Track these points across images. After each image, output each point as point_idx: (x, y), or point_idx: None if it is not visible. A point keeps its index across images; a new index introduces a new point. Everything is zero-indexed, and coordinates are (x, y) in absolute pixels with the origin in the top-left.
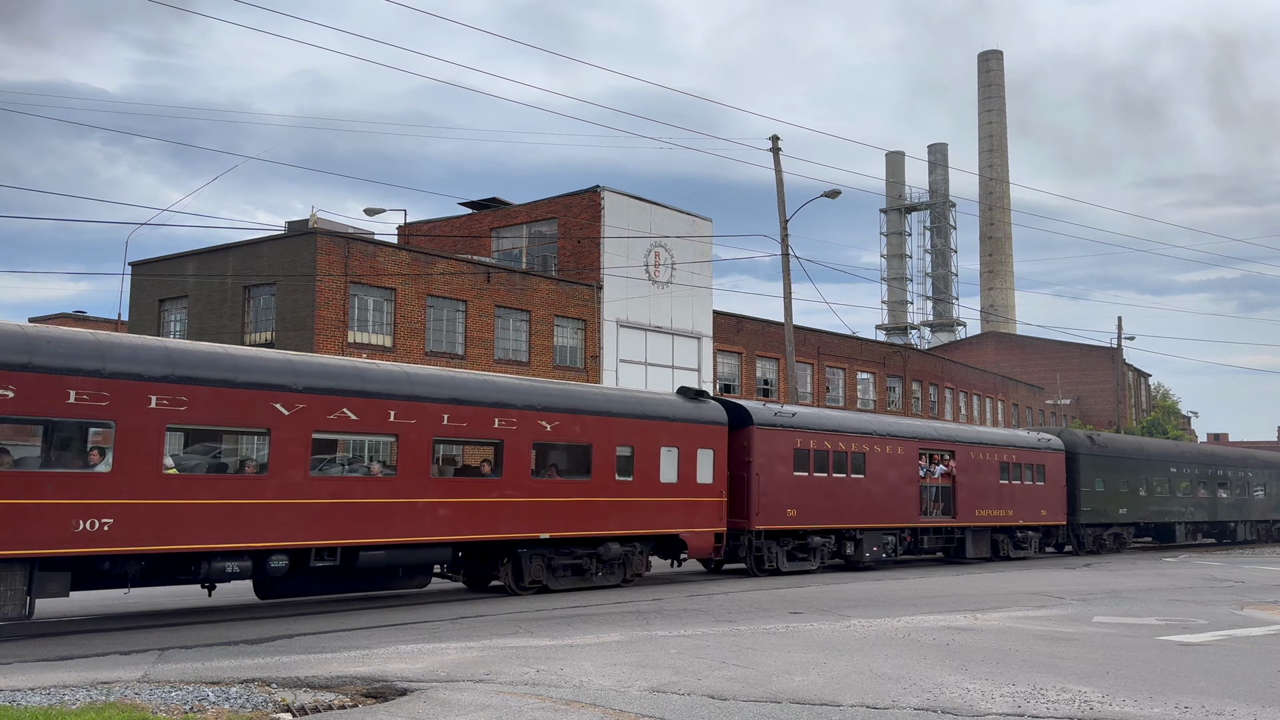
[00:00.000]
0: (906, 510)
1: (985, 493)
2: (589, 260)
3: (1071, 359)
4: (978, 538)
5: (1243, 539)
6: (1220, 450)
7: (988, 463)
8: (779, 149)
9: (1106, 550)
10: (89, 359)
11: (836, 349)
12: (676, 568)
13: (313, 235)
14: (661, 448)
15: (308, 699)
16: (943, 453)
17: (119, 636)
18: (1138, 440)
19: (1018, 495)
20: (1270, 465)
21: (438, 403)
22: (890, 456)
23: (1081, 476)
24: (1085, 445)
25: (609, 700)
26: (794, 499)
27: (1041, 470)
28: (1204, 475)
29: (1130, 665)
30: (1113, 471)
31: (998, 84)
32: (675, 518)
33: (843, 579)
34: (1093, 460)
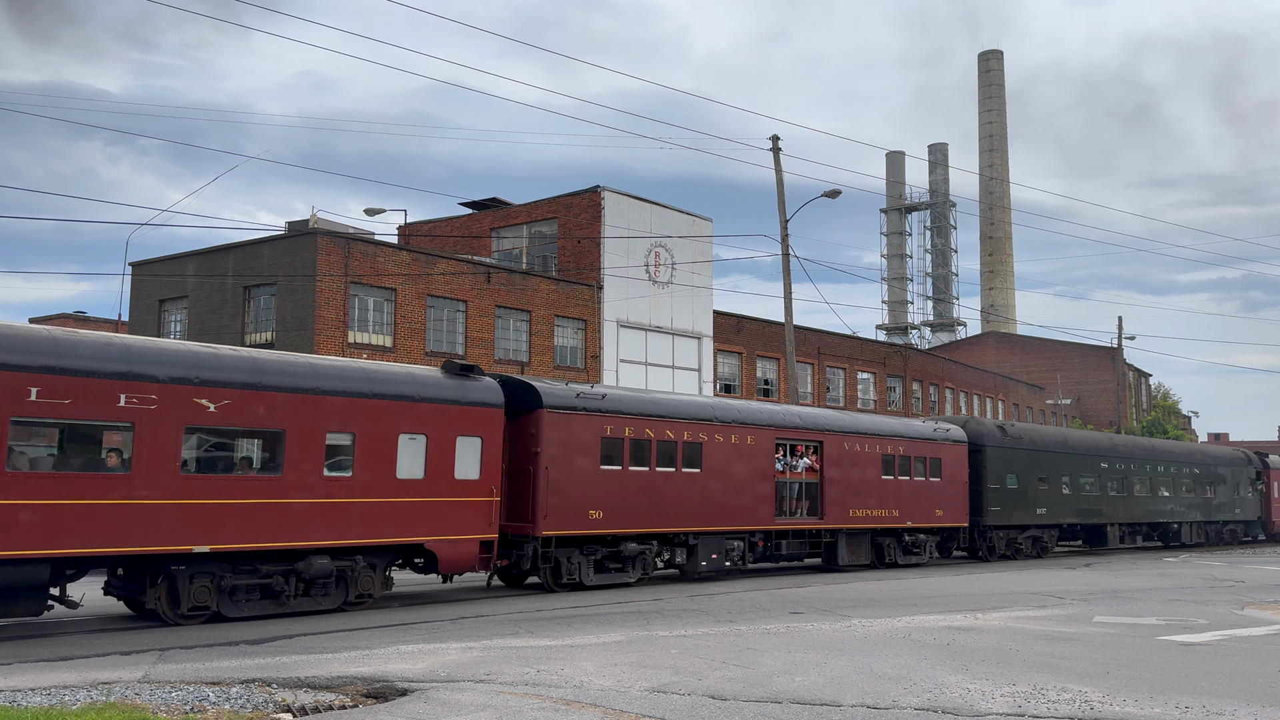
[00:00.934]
0: (758, 510)
1: (862, 490)
2: (589, 260)
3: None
4: (854, 542)
5: (1189, 542)
6: (1163, 445)
7: (866, 455)
8: (779, 149)
9: (1024, 556)
10: None
11: (837, 349)
12: (448, 583)
13: (313, 235)
14: (401, 435)
15: (308, 699)
16: (808, 443)
17: (119, 637)
18: (1060, 432)
19: (905, 493)
20: (1222, 462)
21: (21, 371)
22: (736, 447)
23: (989, 472)
24: (994, 436)
25: (609, 700)
26: (601, 498)
27: (938, 465)
28: (1143, 472)
29: (1131, 665)
30: (1029, 466)
31: (998, 84)
32: (419, 523)
33: (844, 579)
34: (1003, 454)
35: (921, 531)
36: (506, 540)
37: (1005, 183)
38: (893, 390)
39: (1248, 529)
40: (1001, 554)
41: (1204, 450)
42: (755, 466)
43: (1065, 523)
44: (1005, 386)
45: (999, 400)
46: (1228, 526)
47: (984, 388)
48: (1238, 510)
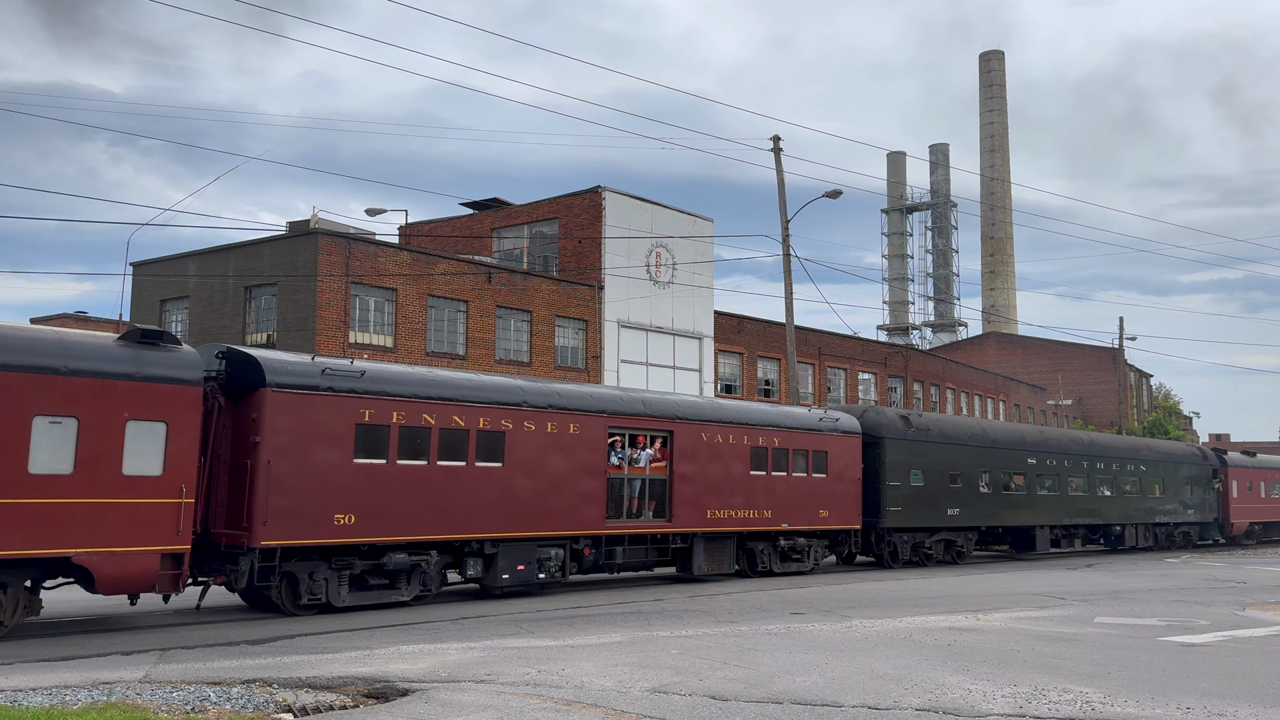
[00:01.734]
0: (582, 512)
1: (725, 487)
2: (590, 260)
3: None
4: (714, 547)
5: (1134, 545)
6: (1104, 440)
7: (730, 448)
8: (780, 149)
9: (935, 562)
10: None
11: (838, 349)
12: (134, 606)
13: (314, 236)
14: (34, 419)
15: (309, 699)
16: (653, 433)
17: (120, 637)
18: (978, 423)
19: (781, 491)
20: (1173, 458)
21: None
22: (553, 437)
23: (888, 468)
24: (895, 428)
25: (610, 701)
26: (354, 499)
27: (823, 459)
28: (1079, 469)
29: (1132, 666)
30: (940, 462)
31: (999, 84)
32: (63, 531)
33: (845, 579)
34: (907, 447)
35: (802, 535)
36: (223, 552)
37: (1006, 183)
38: (894, 391)
39: (1203, 531)
40: (907, 560)
41: (1153, 446)
42: (580, 460)
43: (984, 525)
44: (1006, 387)
45: (1000, 401)
46: (1180, 528)
47: (985, 388)
48: (1191, 511)
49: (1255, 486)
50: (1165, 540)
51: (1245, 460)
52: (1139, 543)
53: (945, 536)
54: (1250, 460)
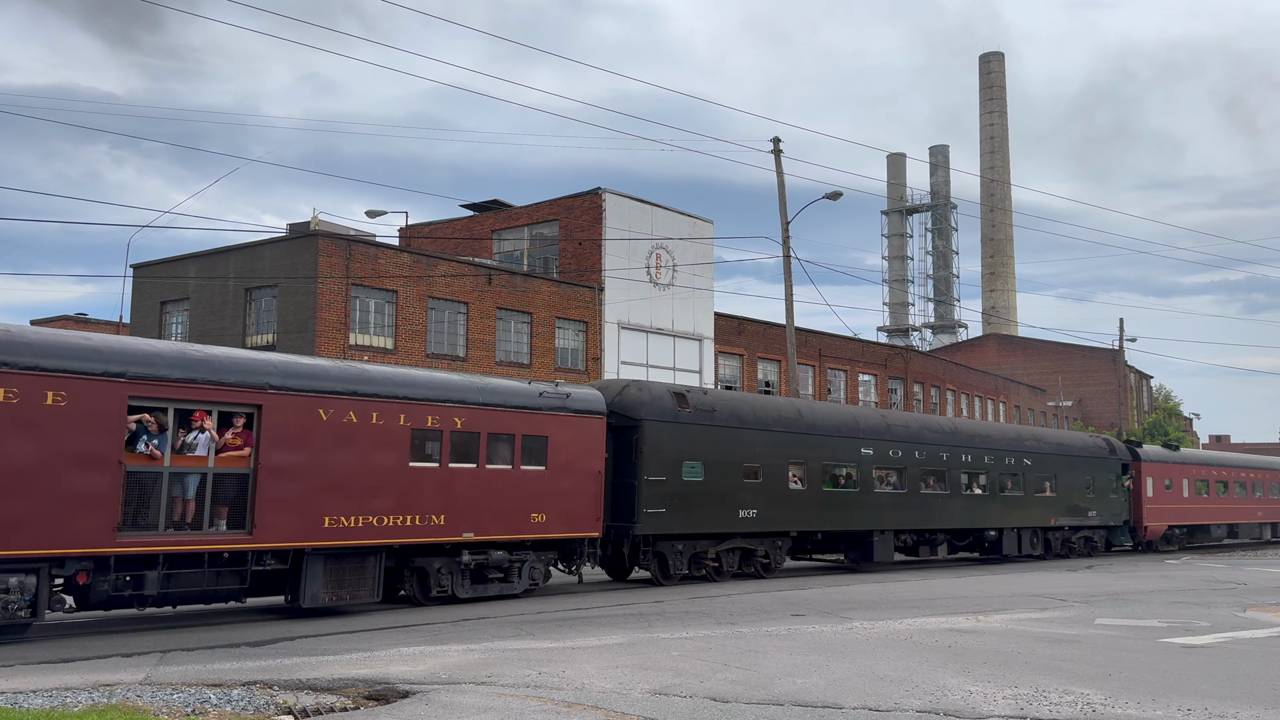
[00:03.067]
0: (73, 522)
1: (360, 485)
2: (590, 262)
3: (1073, 361)
4: (342, 569)
5: (1015, 552)
6: (972, 426)
7: (374, 430)
8: (780, 150)
9: (726, 576)
10: None
11: (838, 351)
12: None
13: (314, 237)
14: None
15: (309, 701)
16: (222, 408)
17: (121, 639)
18: (790, 405)
19: (464, 489)
20: (1070, 451)
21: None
22: (16, 411)
23: (648, 458)
24: (661, 407)
25: (611, 703)
26: None
27: (540, 446)
28: (938, 461)
29: (1133, 667)
30: (731, 451)
31: (999, 85)
32: None
33: (845, 580)
34: (679, 432)
35: (504, 546)
36: None
37: (1006, 184)
38: (894, 392)
39: (1111, 536)
40: (685, 574)
41: (1042, 436)
42: (68, 447)
43: (797, 530)
44: (1006, 388)
45: (1000, 402)
46: (1079, 533)
47: (985, 390)
48: (1094, 513)
49: (1176, 485)
50: (1060, 547)
51: (1163, 455)
52: (1023, 550)
53: (741, 545)
54: (1170, 455)
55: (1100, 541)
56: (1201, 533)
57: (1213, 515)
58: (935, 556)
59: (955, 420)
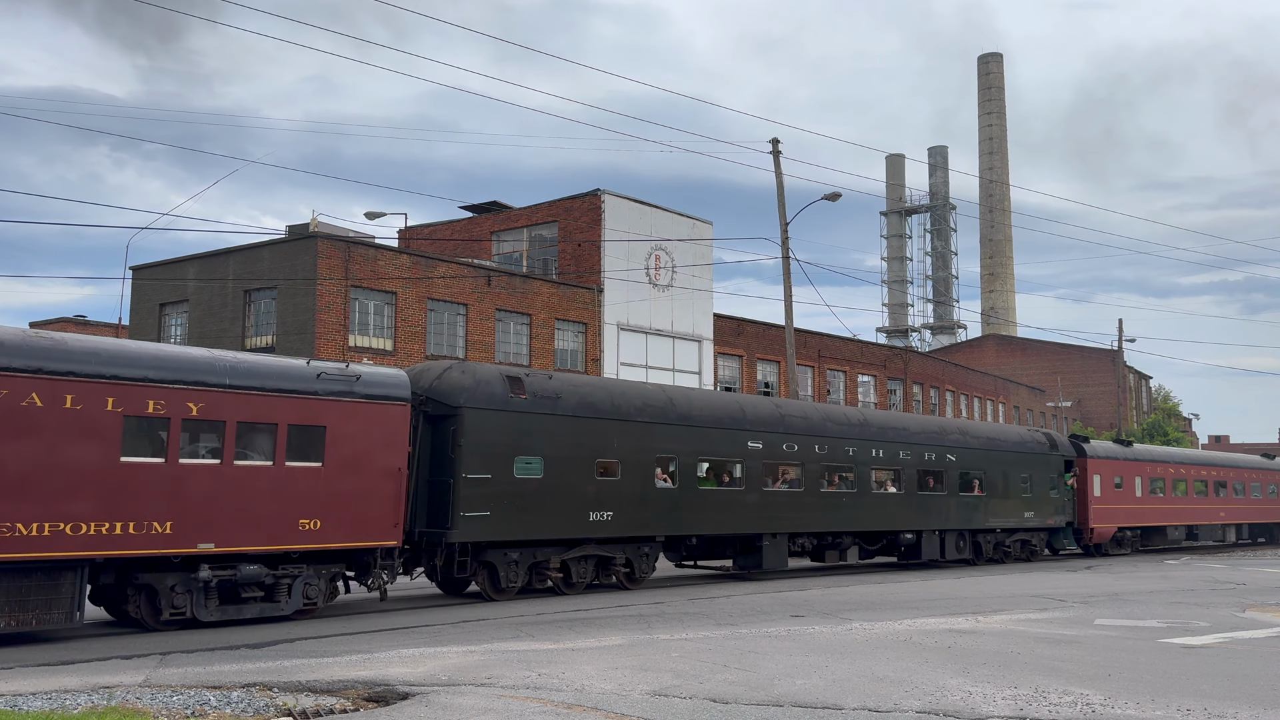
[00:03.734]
0: None
1: (38, 486)
2: (589, 263)
3: (1072, 361)
4: (15, 586)
5: (937, 557)
6: (885, 417)
7: (53, 416)
8: (779, 151)
9: (578, 588)
10: None
11: (837, 352)
12: None
13: (313, 239)
14: None
15: (309, 703)
16: None
17: (120, 641)
18: (660, 391)
19: (201, 490)
20: (1003, 446)
21: None
22: None
23: (467, 452)
24: (487, 393)
25: (610, 704)
26: None
27: (315, 438)
28: (844, 456)
29: (1132, 668)
30: (580, 444)
31: (997, 86)
32: None
33: (844, 581)
34: (511, 423)
35: (263, 559)
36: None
37: (1005, 185)
38: (893, 393)
39: (1052, 539)
40: (524, 586)
41: (969, 429)
42: None
43: (665, 534)
44: (1005, 389)
45: (999, 403)
46: (1015, 536)
47: (984, 390)
48: (1031, 514)
49: (1127, 483)
50: (993, 551)
51: (1112, 451)
52: (946, 554)
53: (595, 552)
54: (1120, 451)
55: (1040, 545)
56: (1157, 535)
57: (1169, 516)
58: (844, 562)
59: (865, 411)
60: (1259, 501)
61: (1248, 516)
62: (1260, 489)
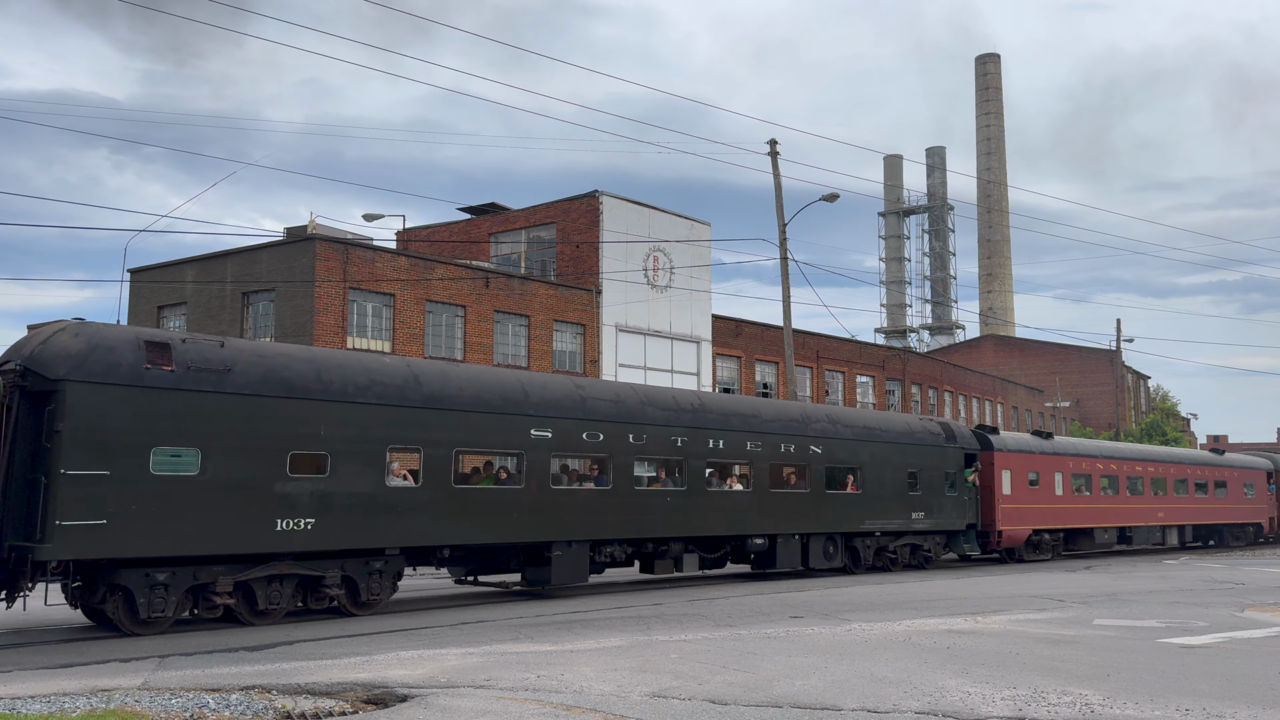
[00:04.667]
0: None
1: None
2: (588, 265)
3: (1071, 361)
4: None
5: (793, 565)
6: (721, 402)
7: None
8: (776, 153)
9: (277, 614)
10: None
11: (836, 352)
12: None
13: (311, 241)
14: None
15: (308, 705)
16: None
17: (119, 644)
18: (406, 366)
19: None
20: (880, 437)
21: None
22: None
23: (70, 441)
24: (107, 363)
25: (609, 705)
26: None
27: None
28: (668, 446)
29: (1131, 668)
30: (262, 430)
31: (995, 87)
32: None
33: (843, 582)
34: (149, 402)
35: None
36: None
37: (1003, 185)
38: (892, 394)
39: (951, 542)
40: (187, 617)
41: (842, 418)
42: None
43: (404, 546)
44: (1004, 389)
45: (998, 403)
46: (903, 540)
47: (983, 390)
48: (921, 514)
49: (1045, 480)
50: (874, 558)
51: (1026, 443)
52: (812, 561)
53: (291, 570)
54: (1037, 443)
55: (937, 550)
56: (1083, 538)
57: (1097, 517)
58: (680, 574)
59: (705, 395)
60: (1205, 501)
61: (1191, 517)
62: (1206, 487)
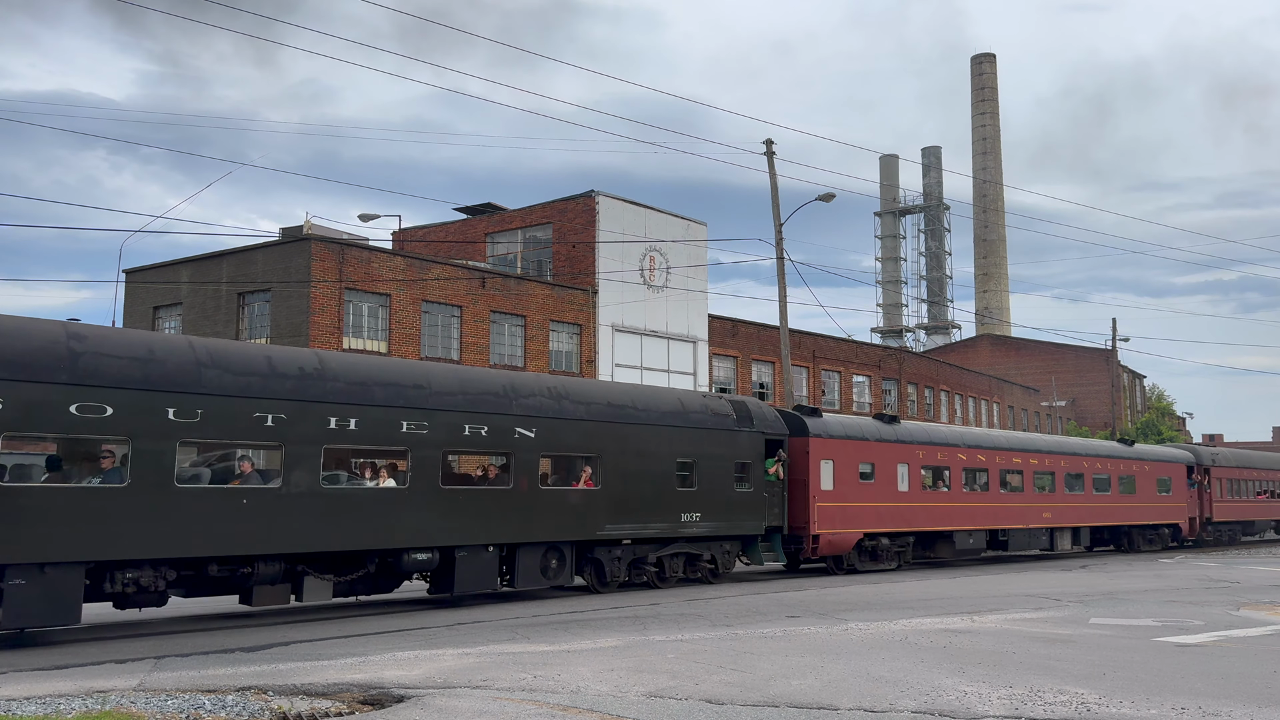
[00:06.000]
0: None
1: None
2: (584, 265)
3: (1067, 361)
4: None
5: (483, 588)
6: (354, 366)
7: None
8: (773, 153)
9: None
10: None
11: (832, 352)
12: None
13: (306, 241)
14: None
15: (304, 706)
16: None
17: (114, 645)
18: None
19: None
20: (630, 418)
21: None
22: None
23: None
24: None
25: (606, 706)
26: None
27: None
28: (246, 426)
29: (1127, 666)
30: None
31: (990, 86)
32: None
33: (840, 582)
34: None
35: None
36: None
37: (999, 185)
38: (888, 393)
39: (748, 550)
40: None
41: (573, 391)
42: None
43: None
44: (1000, 389)
45: (994, 403)
46: (672, 548)
47: (979, 390)
48: (696, 515)
49: (884, 472)
50: (626, 572)
51: (856, 428)
52: (520, 580)
53: None
54: (873, 428)
55: (724, 559)
56: (942, 543)
57: (959, 518)
58: (302, 603)
59: (328, 355)
60: (1106, 499)
61: (1089, 517)
62: (1107, 483)
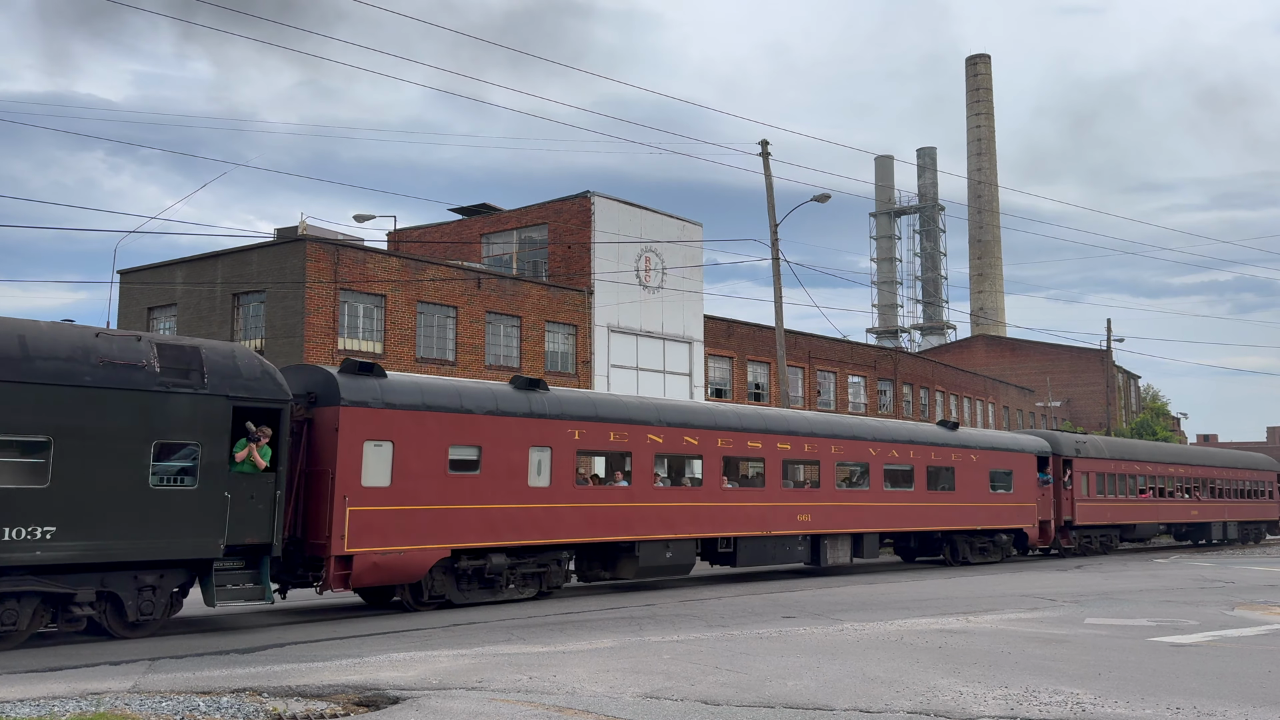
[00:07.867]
0: None
1: None
2: (580, 266)
3: (1062, 361)
4: None
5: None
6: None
7: None
8: (768, 154)
9: None
10: None
11: (828, 353)
12: None
13: (301, 242)
14: None
15: (299, 708)
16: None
17: (109, 646)
18: None
19: None
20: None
21: None
22: None
23: None
24: None
25: (602, 707)
26: None
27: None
28: None
29: (1122, 666)
30: None
31: (985, 88)
32: None
33: (836, 582)
34: None
35: None
36: None
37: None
38: (884, 394)
39: (204, 583)
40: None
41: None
42: None
43: None
44: (995, 389)
45: (989, 403)
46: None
47: (974, 390)
48: (48, 531)
49: (506, 459)
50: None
51: (440, 393)
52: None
53: None
54: (478, 396)
55: (138, 603)
56: (625, 558)
57: (641, 523)
58: None
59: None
60: (910, 497)
61: (874, 521)
62: (909, 477)
